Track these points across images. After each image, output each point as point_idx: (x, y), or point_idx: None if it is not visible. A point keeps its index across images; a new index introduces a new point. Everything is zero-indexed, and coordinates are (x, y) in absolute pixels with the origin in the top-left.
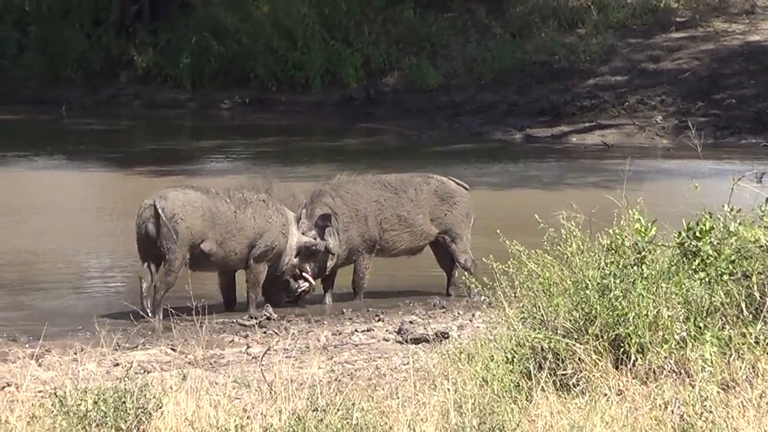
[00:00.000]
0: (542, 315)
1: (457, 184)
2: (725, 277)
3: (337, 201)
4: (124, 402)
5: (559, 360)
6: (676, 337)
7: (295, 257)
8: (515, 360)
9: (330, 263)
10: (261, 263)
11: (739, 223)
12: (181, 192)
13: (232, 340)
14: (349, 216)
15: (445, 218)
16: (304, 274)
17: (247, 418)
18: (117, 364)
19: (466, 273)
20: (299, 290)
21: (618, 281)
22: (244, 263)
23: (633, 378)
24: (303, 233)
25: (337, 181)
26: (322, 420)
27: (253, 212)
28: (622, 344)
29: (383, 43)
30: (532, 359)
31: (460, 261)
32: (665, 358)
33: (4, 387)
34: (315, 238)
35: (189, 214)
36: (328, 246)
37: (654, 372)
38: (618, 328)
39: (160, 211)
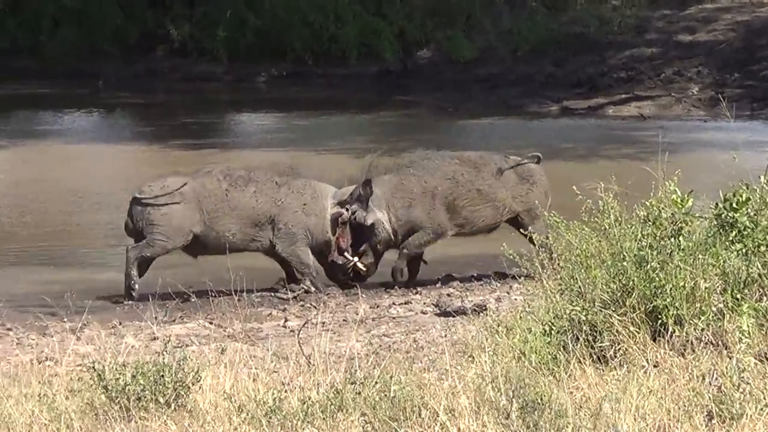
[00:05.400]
0: (580, 287)
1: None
2: (762, 249)
3: (398, 178)
4: (162, 376)
5: (596, 332)
6: (713, 308)
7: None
8: (553, 332)
9: (379, 238)
10: (287, 243)
11: None
12: (160, 183)
13: (270, 314)
14: (414, 194)
15: (526, 197)
16: (345, 252)
17: (286, 390)
18: (155, 338)
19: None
20: (348, 267)
21: (655, 253)
22: (256, 244)
23: (670, 350)
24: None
25: (405, 159)
26: (359, 393)
27: (256, 191)
28: (659, 316)
29: (417, 15)
30: (570, 331)
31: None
32: (702, 329)
33: (43, 361)
34: (354, 213)
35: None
36: (370, 220)
37: (691, 344)
38: (655, 300)
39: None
